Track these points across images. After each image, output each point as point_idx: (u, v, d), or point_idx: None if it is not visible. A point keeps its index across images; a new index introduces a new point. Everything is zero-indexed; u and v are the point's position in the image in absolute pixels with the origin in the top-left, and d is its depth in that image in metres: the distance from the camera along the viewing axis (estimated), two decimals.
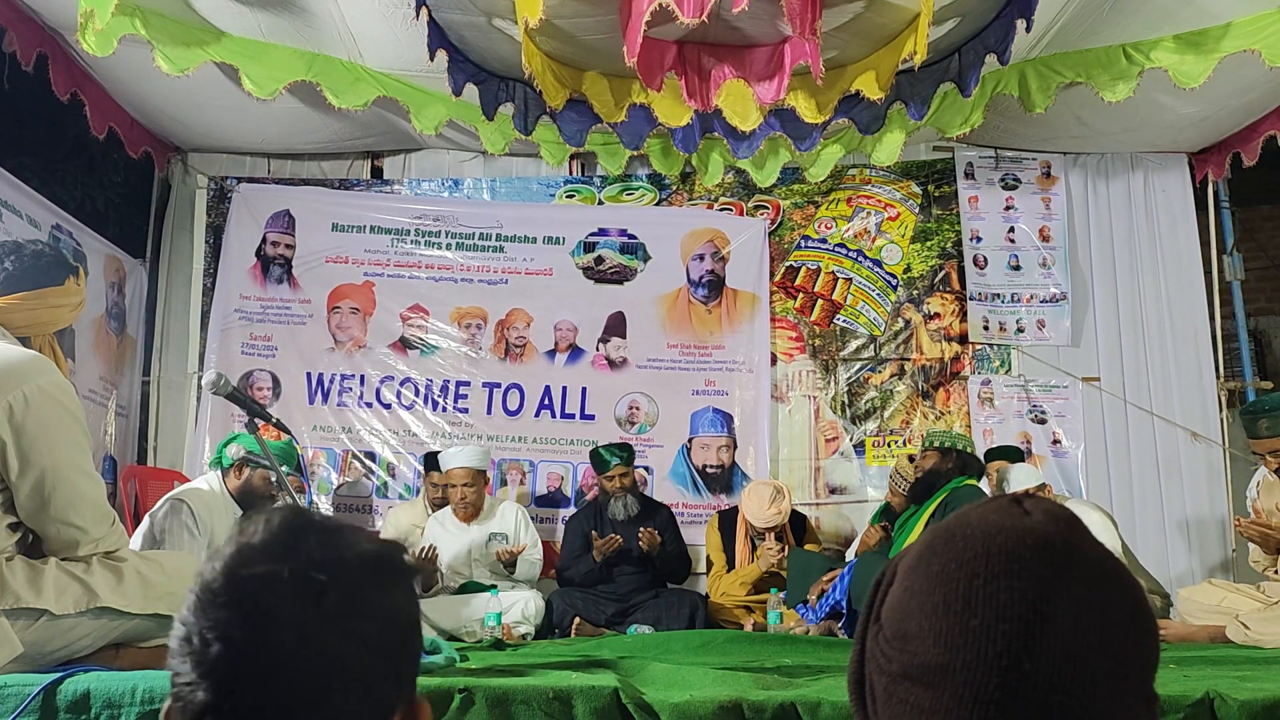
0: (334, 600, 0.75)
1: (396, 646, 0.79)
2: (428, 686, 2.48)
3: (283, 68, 4.77)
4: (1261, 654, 3.56)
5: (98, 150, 5.58)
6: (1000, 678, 0.66)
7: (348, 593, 0.76)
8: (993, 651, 0.67)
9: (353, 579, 0.77)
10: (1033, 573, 0.69)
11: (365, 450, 5.82)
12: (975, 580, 0.69)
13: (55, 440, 2.31)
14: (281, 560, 0.76)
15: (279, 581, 0.74)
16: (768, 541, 4.79)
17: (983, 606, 0.68)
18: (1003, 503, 0.76)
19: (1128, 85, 4.77)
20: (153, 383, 5.99)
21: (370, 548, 0.81)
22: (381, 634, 0.77)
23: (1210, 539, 5.67)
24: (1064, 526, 0.73)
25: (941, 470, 4.59)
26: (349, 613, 0.76)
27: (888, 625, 0.74)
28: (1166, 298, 5.92)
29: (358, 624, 0.76)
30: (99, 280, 5.45)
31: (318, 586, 0.75)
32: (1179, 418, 5.78)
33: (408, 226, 6.03)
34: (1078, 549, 0.72)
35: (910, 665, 0.70)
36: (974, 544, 0.72)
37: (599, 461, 5.10)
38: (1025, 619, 0.67)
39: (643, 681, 2.62)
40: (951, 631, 0.69)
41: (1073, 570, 0.70)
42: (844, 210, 6.12)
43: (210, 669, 0.73)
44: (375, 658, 0.76)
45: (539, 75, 4.51)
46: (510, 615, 4.46)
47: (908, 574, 0.75)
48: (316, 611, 0.74)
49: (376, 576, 0.79)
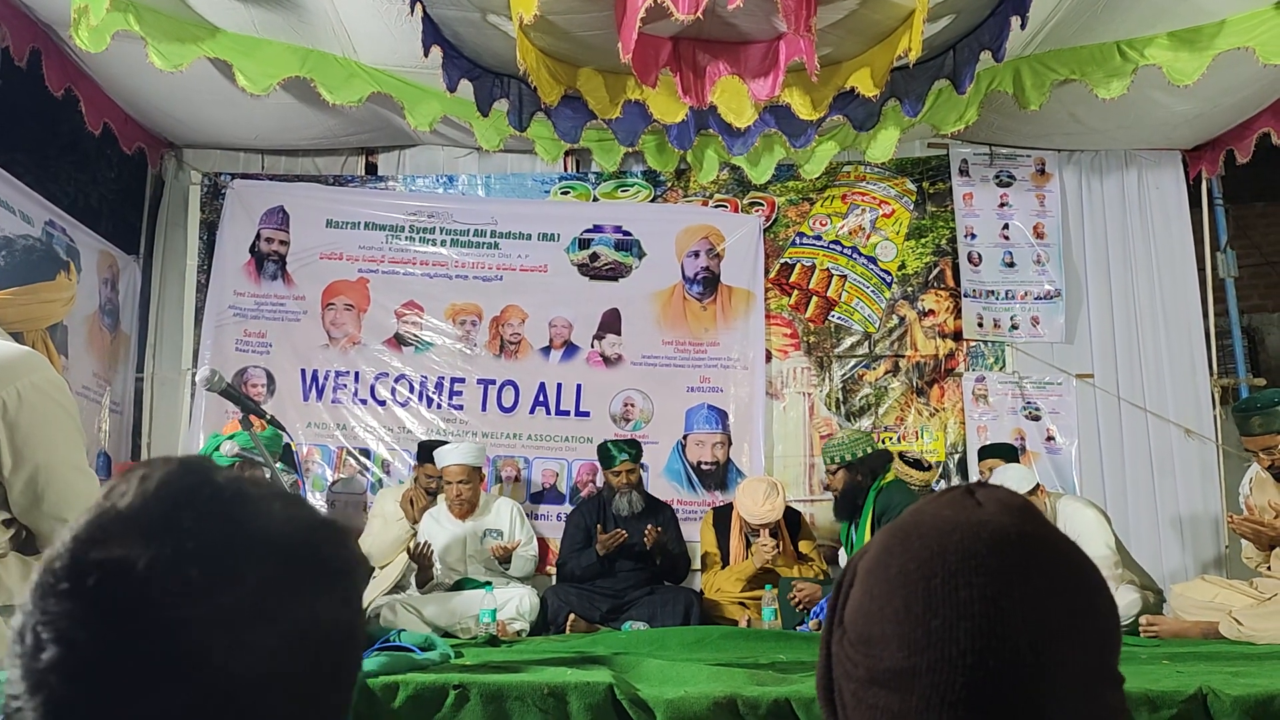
0: (225, 602, 0.55)
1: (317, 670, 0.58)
2: (422, 683, 2.48)
3: (276, 63, 4.76)
4: (1254, 650, 3.57)
5: (91, 146, 5.56)
6: (966, 676, 0.66)
7: (246, 593, 0.56)
8: (956, 651, 0.67)
9: (251, 574, 0.56)
10: (989, 568, 0.69)
11: (360, 447, 5.81)
12: (933, 580, 0.69)
13: (49, 436, 2.30)
14: (151, 540, 0.55)
15: (139, 570, 0.54)
16: (762, 538, 4.80)
17: (943, 606, 0.68)
18: (955, 496, 0.76)
19: (1122, 82, 4.78)
20: (146, 379, 5.97)
21: (290, 530, 0.60)
22: (295, 654, 0.57)
23: (1204, 535, 5.69)
24: (1018, 516, 0.73)
25: (855, 482, 4.76)
26: (247, 621, 0.55)
27: (851, 630, 0.74)
28: (1160, 295, 5.94)
29: (259, 638, 0.55)
30: (92, 276, 5.44)
31: (200, 581, 0.55)
32: (1172, 414, 5.79)
33: (402, 223, 6.02)
34: (1033, 538, 0.71)
35: (877, 670, 0.70)
36: (930, 543, 0.71)
37: (606, 456, 5.11)
38: (986, 615, 0.67)
39: (637, 678, 2.62)
40: (914, 634, 0.68)
41: (1029, 560, 0.70)
42: (839, 207, 6.12)
43: (41, 681, 0.53)
44: (283, 685, 0.56)
45: (533, 71, 4.50)
46: (505, 612, 4.46)
47: (867, 577, 0.74)
48: (198, 615, 0.54)
49: (293, 571, 0.58)
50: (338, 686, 0.60)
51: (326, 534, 0.62)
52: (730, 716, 2.32)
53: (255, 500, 0.59)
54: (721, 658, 3.10)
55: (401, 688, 2.46)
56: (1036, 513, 0.74)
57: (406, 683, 2.47)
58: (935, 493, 0.78)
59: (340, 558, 0.62)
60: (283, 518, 0.60)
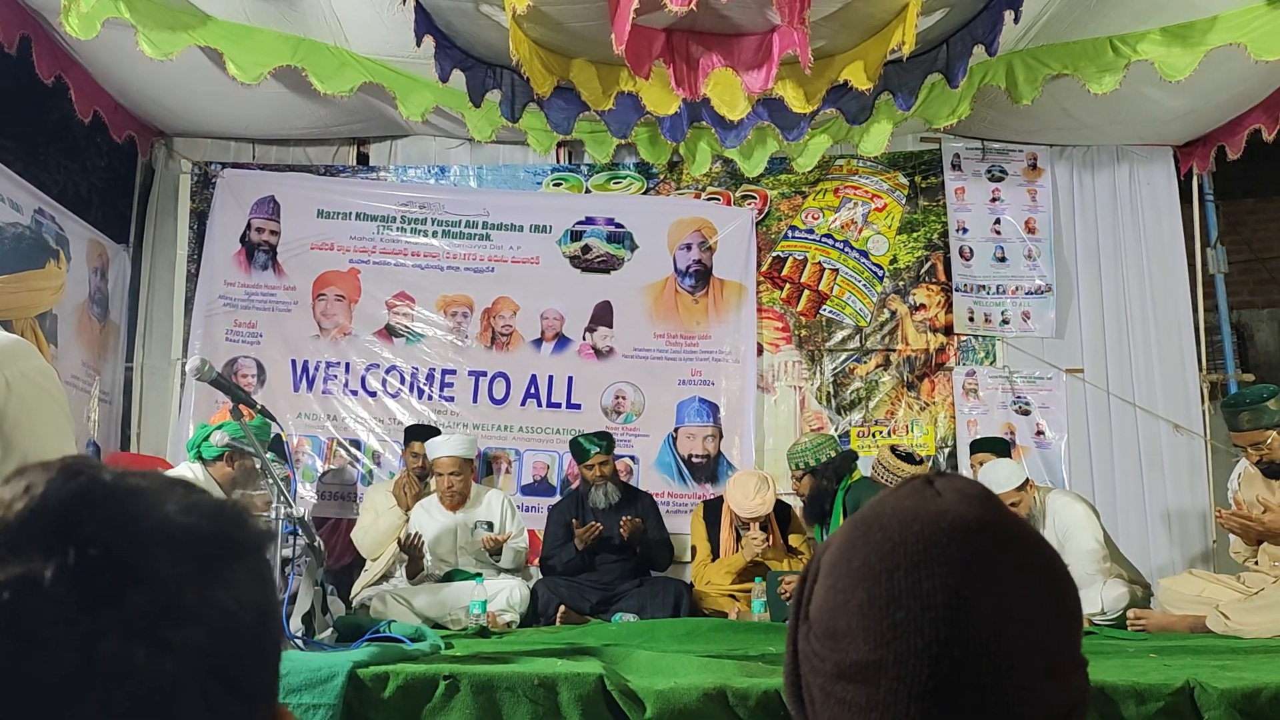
0: (135, 602, 0.52)
1: (245, 654, 0.56)
2: (413, 674, 2.48)
3: (268, 52, 4.74)
4: (1241, 644, 3.60)
5: (81, 134, 5.53)
6: (932, 667, 0.66)
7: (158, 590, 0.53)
8: (921, 642, 0.67)
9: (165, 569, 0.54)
10: (951, 557, 0.69)
11: (350, 438, 5.80)
12: (896, 572, 0.69)
13: (38, 425, 2.29)
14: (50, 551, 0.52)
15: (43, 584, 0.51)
16: (752, 531, 4.80)
17: (906, 598, 0.68)
18: (915, 487, 0.76)
19: (1114, 77, 4.79)
20: (136, 369, 5.95)
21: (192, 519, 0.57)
22: (218, 642, 0.54)
23: (1191, 530, 5.72)
24: (977, 504, 0.73)
25: (820, 487, 4.82)
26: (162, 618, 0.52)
27: (817, 624, 0.73)
28: (1150, 290, 5.95)
29: (178, 633, 0.53)
30: (81, 265, 5.41)
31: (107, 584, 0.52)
32: (1162, 410, 5.81)
33: (393, 214, 6.00)
34: (992, 525, 0.72)
35: (843, 664, 0.70)
36: (891, 534, 0.71)
37: (579, 451, 5.10)
38: (949, 605, 0.67)
39: (627, 669, 2.63)
40: (880, 627, 0.68)
41: (989, 548, 0.70)
42: (831, 201, 6.12)
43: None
44: (212, 676, 0.54)
45: (526, 62, 4.49)
46: (495, 603, 4.46)
47: (831, 570, 0.74)
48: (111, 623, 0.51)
49: (202, 561, 0.56)
50: (265, 666, 0.59)
51: (229, 516, 0.59)
52: (720, 708, 2.32)
53: (150, 493, 0.57)
54: (711, 649, 3.11)
55: (392, 678, 2.46)
56: (996, 500, 0.75)
57: (397, 673, 2.47)
58: (895, 485, 0.78)
59: (246, 537, 0.59)
60: (182, 507, 0.57)
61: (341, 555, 5.37)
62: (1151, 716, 2.26)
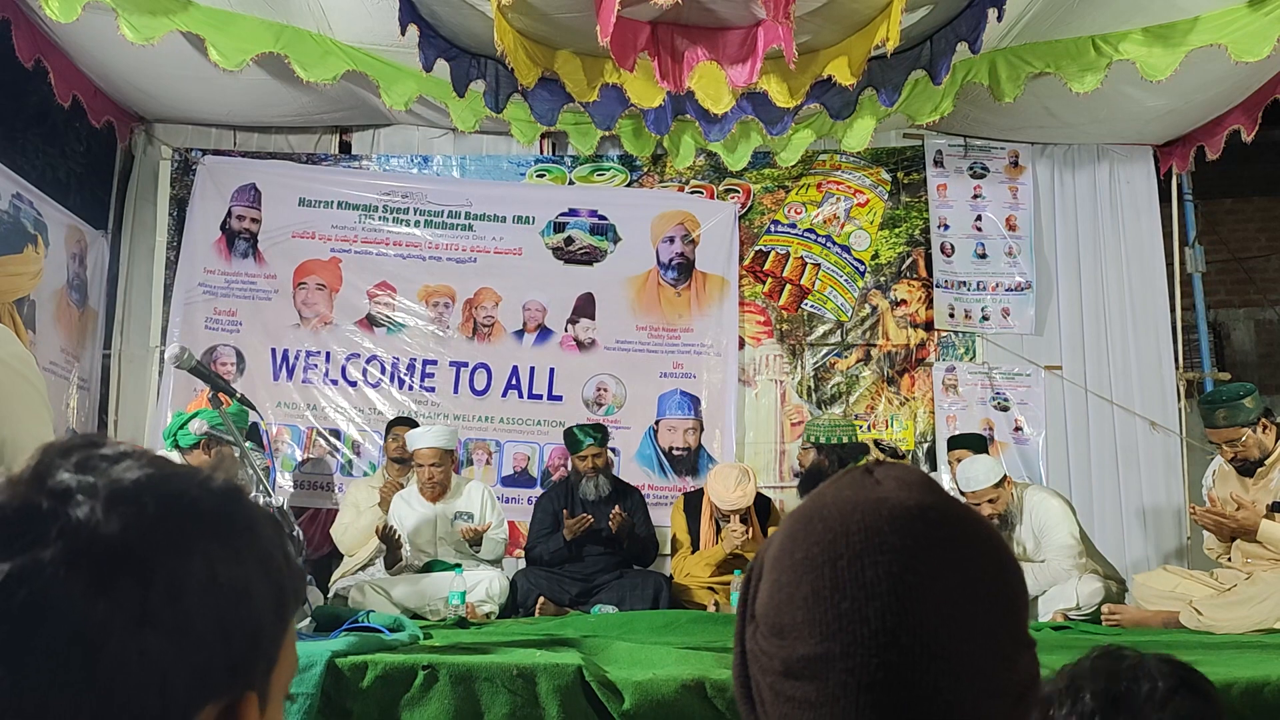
0: (138, 581, 0.52)
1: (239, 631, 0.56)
2: (391, 664, 2.48)
3: (250, 39, 4.70)
4: (1214, 639, 3.64)
5: (60, 119, 5.48)
6: (880, 656, 0.66)
7: (158, 568, 0.53)
8: (868, 631, 0.66)
9: (167, 547, 0.54)
10: (892, 544, 0.69)
11: (330, 428, 5.78)
12: (839, 562, 0.69)
13: (15, 411, 2.27)
14: (41, 539, 0.52)
15: (42, 569, 0.51)
16: (732, 524, 4.82)
17: (850, 587, 0.68)
18: (855, 476, 0.76)
19: (1095, 76, 4.81)
20: (114, 356, 5.91)
21: (189, 497, 0.57)
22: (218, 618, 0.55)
23: (1166, 526, 5.77)
24: (917, 491, 0.73)
25: (821, 467, 4.84)
26: (164, 596, 0.53)
27: (763, 622, 0.73)
28: (1129, 288, 6.00)
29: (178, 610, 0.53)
30: (60, 251, 5.36)
31: (108, 567, 0.52)
32: (1138, 407, 5.86)
33: (376, 203, 5.98)
34: (932, 509, 0.71)
35: (791, 660, 0.69)
36: (832, 525, 0.71)
37: (573, 441, 5.09)
38: (894, 593, 0.67)
39: (606, 660, 2.63)
40: (825, 619, 0.68)
41: (930, 533, 0.70)
42: (814, 195, 6.14)
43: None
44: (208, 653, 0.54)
45: (511, 53, 4.48)
46: (474, 594, 4.46)
47: (774, 566, 0.73)
48: (114, 601, 0.51)
49: (204, 538, 0.56)
50: (264, 647, 0.59)
51: (227, 493, 0.60)
52: (698, 699, 2.33)
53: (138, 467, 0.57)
54: (690, 641, 3.12)
55: (370, 668, 2.46)
56: (935, 485, 0.75)
57: (375, 663, 2.47)
58: (834, 475, 0.78)
59: (243, 515, 0.60)
60: (181, 485, 0.58)
61: (320, 545, 5.36)
62: None
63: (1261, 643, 3.46)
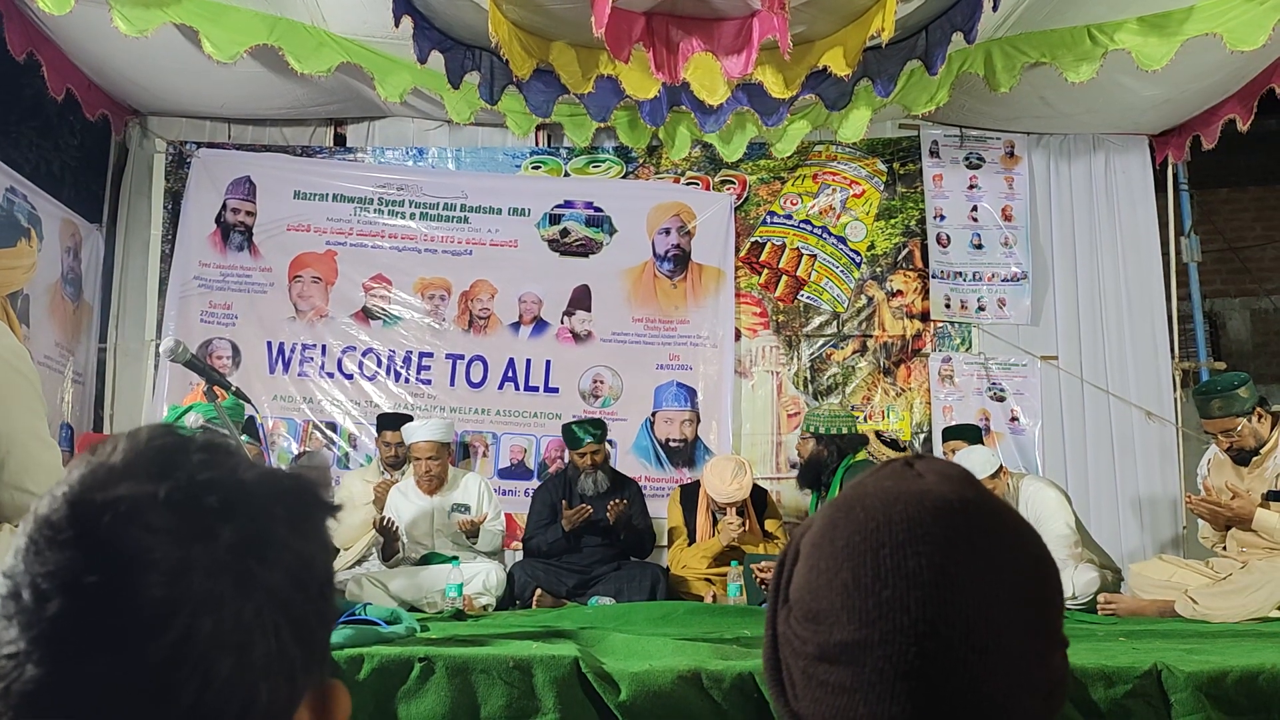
0: (230, 536, 0.55)
1: (311, 605, 0.59)
2: (387, 656, 2.48)
3: (244, 31, 4.69)
4: (1208, 628, 3.65)
5: (54, 112, 5.46)
6: (918, 645, 0.66)
7: (250, 528, 0.56)
8: (908, 620, 0.67)
9: (256, 509, 0.57)
10: (936, 536, 0.69)
11: (326, 421, 5.78)
12: (881, 550, 0.69)
13: (10, 405, 2.27)
14: (155, 479, 0.55)
15: (150, 507, 0.54)
16: (729, 516, 4.82)
17: (892, 576, 0.68)
18: (895, 468, 0.76)
19: (1091, 66, 4.81)
20: (109, 350, 5.90)
21: (279, 472, 0.62)
22: (293, 587, 0.57)
23: (1162, 516, 5.78)
24: (959, 485, 0.73)
25: (820, 457, 4.84)
26: (251, 555, 0.56)
27: (797, 606, 0.73)
28: (1125, 278, 6.00)
29: (263, 571, 0.56)
30: (54, 245, 5.35)
31: (208, 514, 0.55)
32: (1134, 397, 5.87)
33: (371, 195, 5.97)
34: (974, 504, 0.72)
35: (827, 645, 0.70)
36: (874, 514, 0.71)
37: (571, 438, 5.07)
38: (936, 583, 0.68)
39: (603, 652, 2.63)
40: (865, 606, 0.68)
41: (973, 527, 0.71)
42: (810, 187, 6.13)
43: (46, 633, 0.52)
44: (285, 619, 0.56)
45: (505, 44, 4.47)
46: (471, 586, 4.46)
47: (813, 551, 0.74)
48: (205, 550, 0.54)
49: (288, 509, 0.59)
50: (325, 624, 0.61)
51: (312, 476, 0.63)
52: (694, 690, 2.34)
53: (237, 449, 0.61)
54: (687, 632, 3.12)
55: (366, 660, 2.46)
56: (976, 481, 0.75)
57: (372, 655, 2.47)
58: (873, 466, 0.79)
59: (325, 495, 0.63)
60: (261, 466, 0.61)
61: None
62: (1120, 699, 2.29)
63: (1257, 630, 3.47)
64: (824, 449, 4.90)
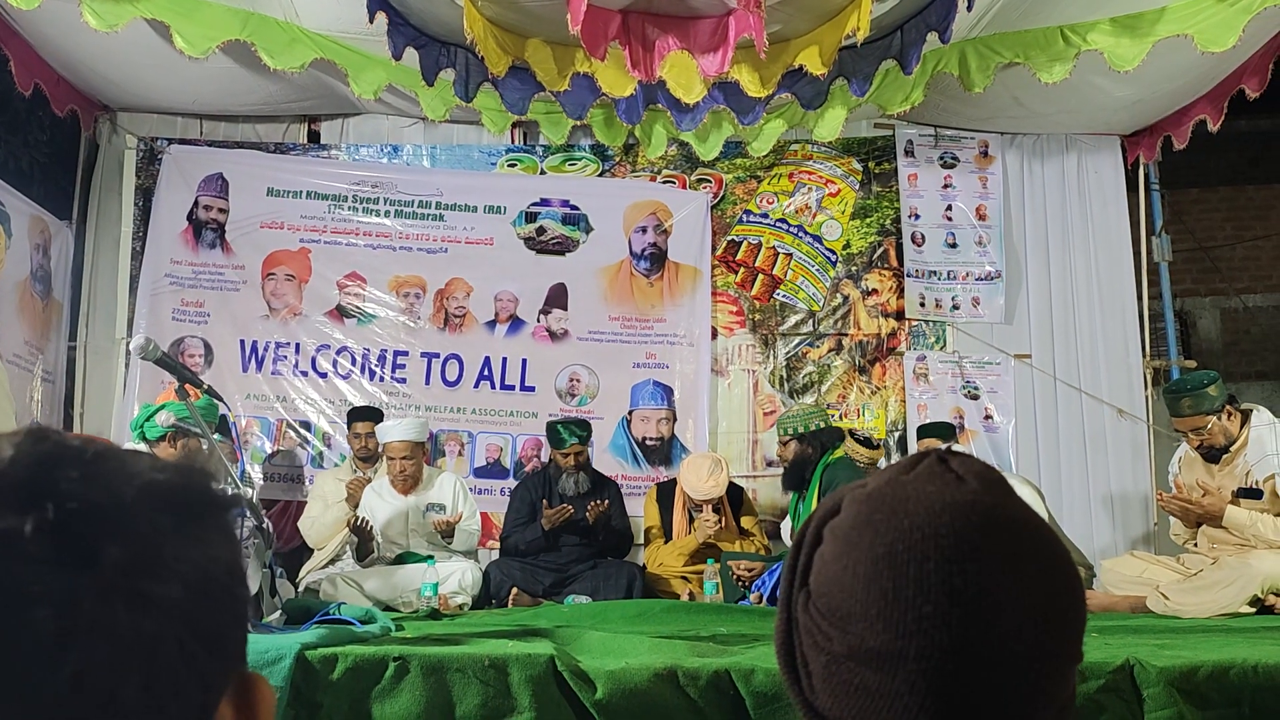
0: (116, 557, 0.52)
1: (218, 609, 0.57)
2: (361, 655, 2.47)
3: (216, 26, 4.64)
4: (1180, 623, 3.68)
5: (22, 107, 5.39)
6: (956, 663, 0.66)
7: (135, 547, 0.53)
8: (948, 638, 0.66)
9: (142, 525, 0.54)
10: (984, 555, 0.69)
11: (300, 419, 5.74)
12: (926, 564, 0.68)
13: None
14: (26, 507, 0.51)
15: (22, 541, 0.51)
16: (705, 513, 4.82)
17: (936, 592, 0.67)
18: (933, 469, 0.74)
19: (1064, 67, 4.85)
20: (79, 348, 5.83)
21: (163, 477, 0.57)
22: (195, 596, 0.55)
23: (1133, 513, 5.83)
24: (999, 496, 0.73)
25: (805, 456, 4.84)
26: (142, 574, 0.53)
27: (821, 599, 0.72)
28: (1097, 277, 6.05)
29: (157, 588, 0.53)
30: (23, 242, 5.29)
31: (88, 541, 0.52)
32: (1106, 395, 5.92)
33: (345, 193, 5.93)
34: (1017, 521, 0.72)
35: (856, 648, 0.69)
36: (919, 524, 0.70)
37: (556, 438, 5.04)
38: (978, 602, 0.67)
39: (579, 650, 2.63)
40: (905, 619, 0.67)
41: (1019, 546, 0.70)
42: (785, 185, 6.14)
43: None
44: (189, 631, 0.54)
45: (481, 41, 4.45)
46: (447, 586, 4.44)
47: (845, 547, 0.72)
48: (92, 578, 0.51)
49: (176, 518, 0.56)
50: (238, 625, 0.59)
51: (199, 474, 0.59)
52: (670, 688, 2.33)
53: (116, 454, 0.57)
54: (663, 630, 3.12)
55: (340, 659, 2.44)
56: (1011, 490, 0.74)
57: (345, 655, 2.45)
58: (905, 462, 0.76)
59: (217, 495, 0.60)
60: (150, 467, 0.58)
61: (290, 538, 5.32)
62: (1093, 694, 2.31)
63: (1227, 626, 3.50)
64: (807, 447, 4.90)
